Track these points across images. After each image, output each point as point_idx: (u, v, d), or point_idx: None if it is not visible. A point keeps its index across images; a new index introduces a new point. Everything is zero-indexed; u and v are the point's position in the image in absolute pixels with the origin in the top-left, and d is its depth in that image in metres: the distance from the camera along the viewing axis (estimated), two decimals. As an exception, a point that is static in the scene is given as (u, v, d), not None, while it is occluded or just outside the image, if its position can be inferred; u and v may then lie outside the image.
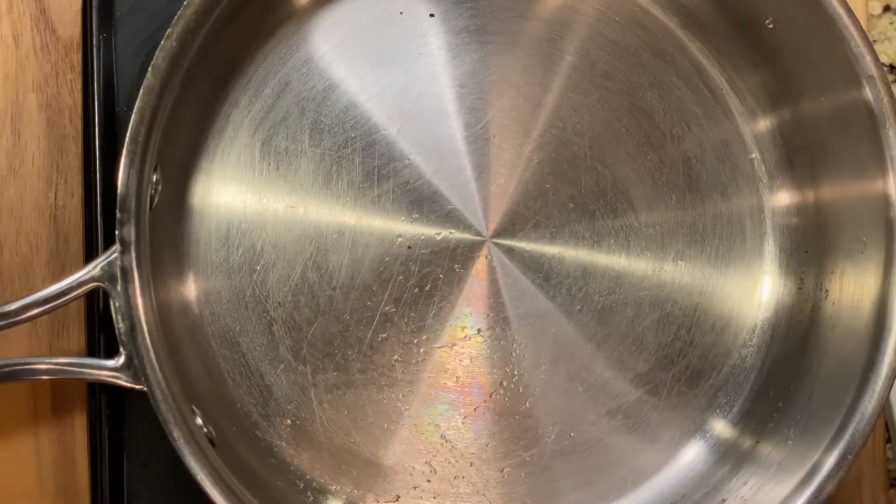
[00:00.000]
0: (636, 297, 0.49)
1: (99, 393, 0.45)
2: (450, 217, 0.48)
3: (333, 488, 0.47)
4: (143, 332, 0.40)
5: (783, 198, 0.51)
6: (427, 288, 0.48)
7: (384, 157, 0.47)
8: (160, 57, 0.40)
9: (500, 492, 0.48)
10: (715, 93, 0.51)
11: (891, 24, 0.56)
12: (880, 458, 0.55)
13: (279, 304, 0.47)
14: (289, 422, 0.47)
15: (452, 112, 0.48)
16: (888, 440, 0.56)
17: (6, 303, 0.40)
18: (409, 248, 0.48)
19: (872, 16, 0.55)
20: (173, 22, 0.40)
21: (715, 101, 0.51)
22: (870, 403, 0.44)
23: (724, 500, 0.47)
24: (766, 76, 0.50)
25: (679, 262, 0.50)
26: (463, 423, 0.48)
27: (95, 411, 0.46)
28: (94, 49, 0.45)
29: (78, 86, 0.47)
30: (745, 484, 0.47)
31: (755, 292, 0.51)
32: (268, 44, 0.47)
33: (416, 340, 0.48)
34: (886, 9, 0.56)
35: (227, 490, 0.40)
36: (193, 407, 0.43)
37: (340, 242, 0.47)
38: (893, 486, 0.55)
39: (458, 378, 0.48)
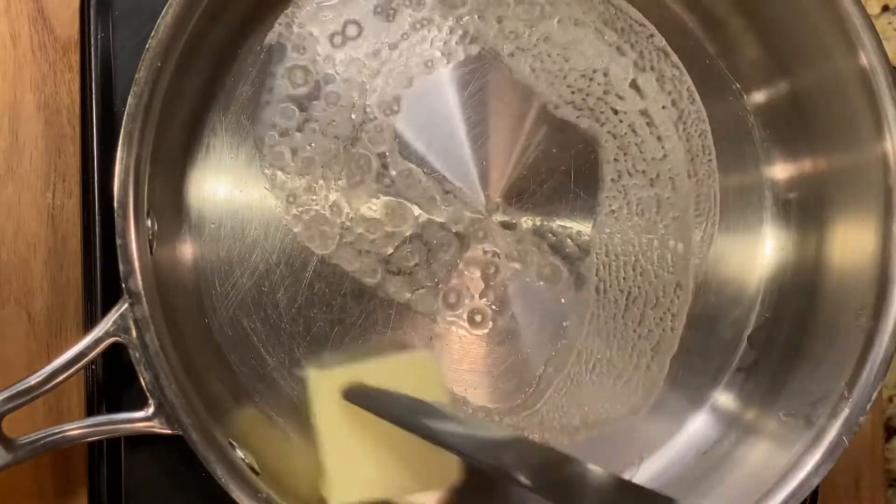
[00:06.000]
0: (638, 268, 0.50)
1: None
2: (449, 197, 0.48)
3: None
4: (168, 377, 0.39)
5: (782, 169, 0.51)
6: (429, 268, 0.48)
7: (382, 140, 0.47)
8: (136, 92, 0.40)
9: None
10: (711, 66, 0.51)
11: (889, 24, 0.56)
12: (879, 459, 0.55)
13: (289, 302, 0.47)
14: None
15: (449, 88, 0.48)
16: (887, 440, 0.56)
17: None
18: (408, 228, 0.48)
19: (871, 16, 0.55)
20: (152, 34, 0.40)
21: (711, 75, 0.51)
22: (873, 366, 0.44)
23: (731, 470, 0.47)
24: (760, 47, 0.50)
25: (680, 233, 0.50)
26: (468, 403, 0.48)
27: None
28: (92, 49, 0.45)
29: (76, 85, 0.47)
30: (752, 453, 0.47)
31: (757, 261, 0.51)
32: (256, 35, 0.47)
33: (419, 322, 0.48)
34: (885, 9, 0.56)
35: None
36: (230, 440, 0.42)
37: (345, 230, 0.47)
38: (892, 486, 0.55)
39: (461, 358, 0.48)
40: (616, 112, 0.50)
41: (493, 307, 0.48)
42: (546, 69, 0.49)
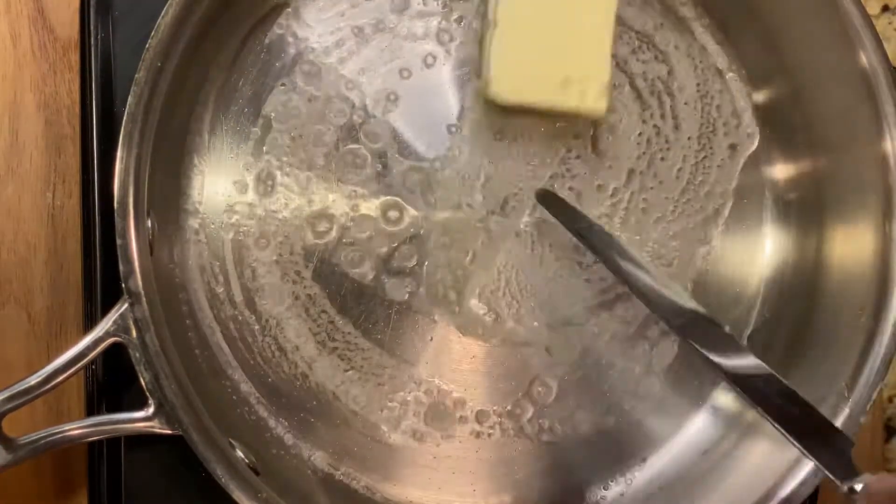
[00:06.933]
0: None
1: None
2: (449, 196, 0.48)
3: (356, 477, 0.47)
4: (168, 377, 0.39)
5: (782, 169, 0.51)
6: (428, 268, 0.48)
7: (381, 139, 0.48)
8: (136, 93, 0.40)
9: (513, 467, 0.49)
10: (714, 67, 0.51)
11: (889, 24, 0.56)
12: (879, 459, 0.55)
13: (285, 306, 0.47)
14: (321, 426, 0.47)
15: (449, 87, 0.48)
16: (887, 440, 0.56)
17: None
18: (407, 227, 0.48)
19: (871, 16, 0.55)
20: (152, 34, 0.40)
21: (713, 75, 0.51)
22: (873, 366, 0.45)
23: (731, 470, 0.48)
24: (761, 47, 0.50)
25: (681, 232, 0.50)
26: (464, 404, 0.48)
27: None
28: (92, 49, 0.45)
29: (76, 85, 0.47)
30: (752, 453, 0.48)
31: (757, 261, 0.51)
32: (257, 34, 0.47)
33: (418, 322, 0.48)
34: (885, 9, 0.56)
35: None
36: (231, 440, 0.42)
37: (345, 230, 0.47)
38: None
39: (461, 359, 0.48)
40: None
41: (493, 308, 0.48)
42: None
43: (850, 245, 0.48)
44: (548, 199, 0.48)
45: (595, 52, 0.47)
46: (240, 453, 0.42)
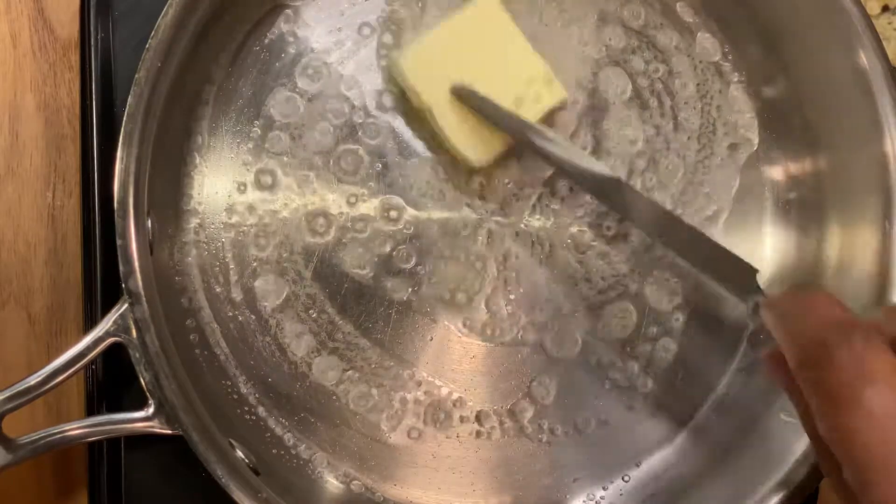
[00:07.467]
0: (637, 270, 0.50)
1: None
2: (449, 196, 0.48)
3: (356, 477, 0.47)
4: (168, 377, 0.39)
5: (782, 169, 0.51)
6: (428, 268, 0.48)
7: (381, 139, 0.48)
8: (136, 91, 0.40)
9: (513, 467, 0.49)
10: (714, 67, 0.51)
11: (889, 24, 0.56)
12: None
13: (285, 306, 0.47)
14: (321, 426, 0.47)
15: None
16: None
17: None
18: (407, 227, 0.48)
19: (871, 16, 0.55)
20: (153, 33, 0.40)
21: (713, 75, 0.51)
22: None
23: (731, 470, 0.48)
24: (761, 47, 0.50)
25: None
26: (464, 404, 0.48)
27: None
28: (92, 49, 0.45)
29: (76, 86, 0.47)
30: (752, 453, 0.48)
31: (757, 261, 0.50)
32: (257, 34, 0.47)
33: (418, 322, 0.48)
34: (885, 9, 0.56)
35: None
36: (231, 440, 0.42)
37: (344, 230, 0.47)
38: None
39: (461, 359, 0.48)
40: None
41: (493, 308, 0.48)
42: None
43: (850, 245, 0.48)
44: (464, 94, 0.46)
45: (521, 57, 0.47)
46: (240, 453, 0.42)
